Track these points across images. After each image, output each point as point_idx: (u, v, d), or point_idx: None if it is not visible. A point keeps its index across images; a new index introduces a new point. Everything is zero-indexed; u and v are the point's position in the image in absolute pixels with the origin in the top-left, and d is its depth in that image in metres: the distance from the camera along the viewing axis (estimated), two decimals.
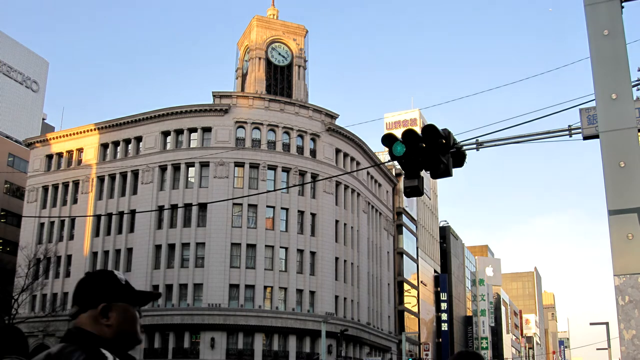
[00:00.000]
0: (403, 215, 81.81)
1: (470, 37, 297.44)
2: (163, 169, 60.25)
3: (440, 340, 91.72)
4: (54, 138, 67.46)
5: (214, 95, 61.04)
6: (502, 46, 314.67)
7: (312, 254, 60.69)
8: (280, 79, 69.44)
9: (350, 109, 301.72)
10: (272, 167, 60.22)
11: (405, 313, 78.89)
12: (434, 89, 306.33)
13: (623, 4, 6.40)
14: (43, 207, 66.09)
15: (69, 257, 62.70)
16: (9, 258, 64.91)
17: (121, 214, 60.49)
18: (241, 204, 58.17)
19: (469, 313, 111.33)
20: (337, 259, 62.96)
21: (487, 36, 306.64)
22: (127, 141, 63.07)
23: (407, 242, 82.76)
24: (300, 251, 60.14)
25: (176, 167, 59.85)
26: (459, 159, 11.24)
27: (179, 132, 60.79)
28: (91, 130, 64.72)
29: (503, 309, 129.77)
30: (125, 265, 59.46)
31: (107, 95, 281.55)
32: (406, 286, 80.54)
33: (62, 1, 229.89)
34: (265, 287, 57.57)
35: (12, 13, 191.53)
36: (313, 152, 63.17)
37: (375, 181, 74.83)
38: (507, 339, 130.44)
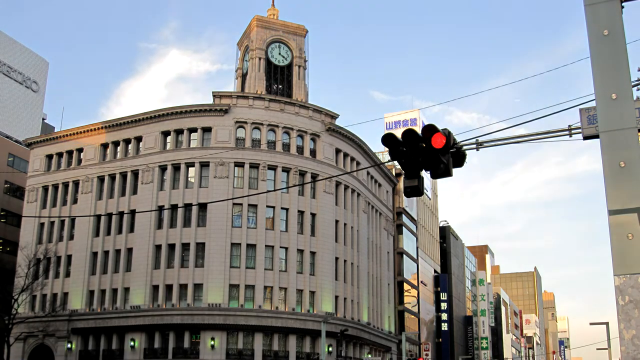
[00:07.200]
0: (403, 215, 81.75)
1: (471, 37, 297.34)
2: (163, 169, 60.21)
3: (440, 340, 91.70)
4: (54, 138, 67.41)
5: (214, 95, 60.97)
6: (502, 46, 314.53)
7: (312, 254, 60.64)
8: (280, 79, 69.43)
9: (350, 109, 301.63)
10: (272, 167, 60.18)
11: (405, 313, 78.85)
12: (434, 89, 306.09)
13: (623, 4, 6.40)
14: (43, 207, 66.03)
15: (69, 257, 62.60)
16: (9, 258, 64.93)
17: (121, 214, 60.44)
18: (241, 204, 58.13)
19: (469, 313, 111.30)
20: (337, 259, 62.93)
21: (487, 36, 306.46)
22: (127, 141, 63.02)
23: (407, 242, 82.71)
24: (300, 251, 60.10)
25: (176, 167, 59.80)
26: (459, 159, 11.23)
27: (179, 132, 60.74)
28: (91, 130, 64.66)
29: (503, 309, 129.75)
30: (125, 265, 59.42)
31: (107, 95, 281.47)
32: (406, 286, 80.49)
33: (62, 1, 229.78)
34: (265, 287, 57.53)
35: (12, 13, 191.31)
36: (313, 152, 63.12)
37: (375, 181, 74.76)
38: (507, 339, 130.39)
